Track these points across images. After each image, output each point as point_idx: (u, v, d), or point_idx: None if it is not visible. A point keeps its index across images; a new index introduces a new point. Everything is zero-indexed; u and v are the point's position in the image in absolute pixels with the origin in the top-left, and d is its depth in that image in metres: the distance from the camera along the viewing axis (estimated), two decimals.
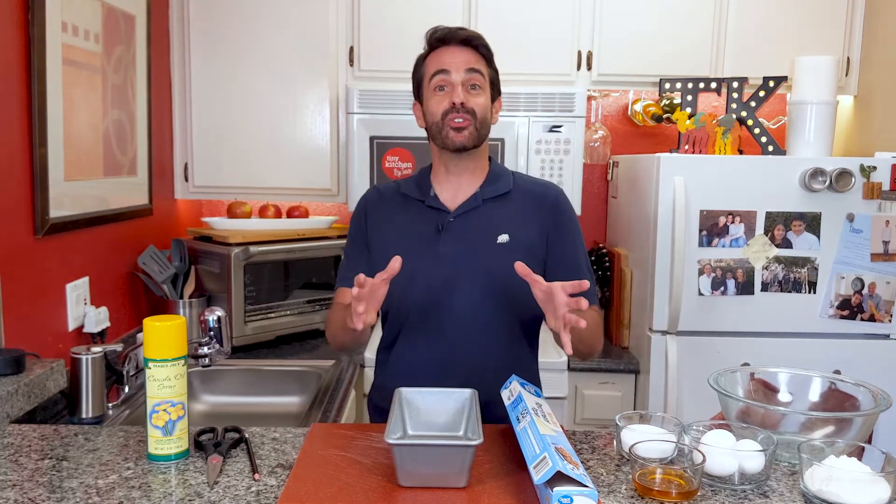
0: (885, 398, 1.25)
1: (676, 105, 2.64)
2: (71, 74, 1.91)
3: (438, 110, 1.49)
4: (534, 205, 1.55)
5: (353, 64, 2.65)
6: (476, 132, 1.49)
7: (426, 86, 1.53)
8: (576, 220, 1.60)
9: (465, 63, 1.49)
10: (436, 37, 1.53)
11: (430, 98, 1.52)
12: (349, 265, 1.59)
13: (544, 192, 1.58)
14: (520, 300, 1.46)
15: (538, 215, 1.54)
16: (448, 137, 1.49)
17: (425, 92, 1.53)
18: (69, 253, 1.94)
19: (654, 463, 1.12)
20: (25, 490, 1.11)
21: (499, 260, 1.48)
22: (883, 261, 2.25)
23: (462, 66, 1.49)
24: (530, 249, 1.51)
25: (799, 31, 2.63)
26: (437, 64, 1.51)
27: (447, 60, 1.50)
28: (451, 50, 1.51)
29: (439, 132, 1.50)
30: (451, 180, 1.55)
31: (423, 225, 1.54)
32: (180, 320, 1.23)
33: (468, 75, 1.49)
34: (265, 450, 1.27)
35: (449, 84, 1.49)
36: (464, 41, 1.51)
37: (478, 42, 1.52)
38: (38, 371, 1.55)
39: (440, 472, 1.10)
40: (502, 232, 1.51)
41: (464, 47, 1.51)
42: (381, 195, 1.62)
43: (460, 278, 1.49)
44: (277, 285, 2.53)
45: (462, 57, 1.49)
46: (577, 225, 1.59)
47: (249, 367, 2.21)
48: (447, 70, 1.49)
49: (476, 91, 1.50)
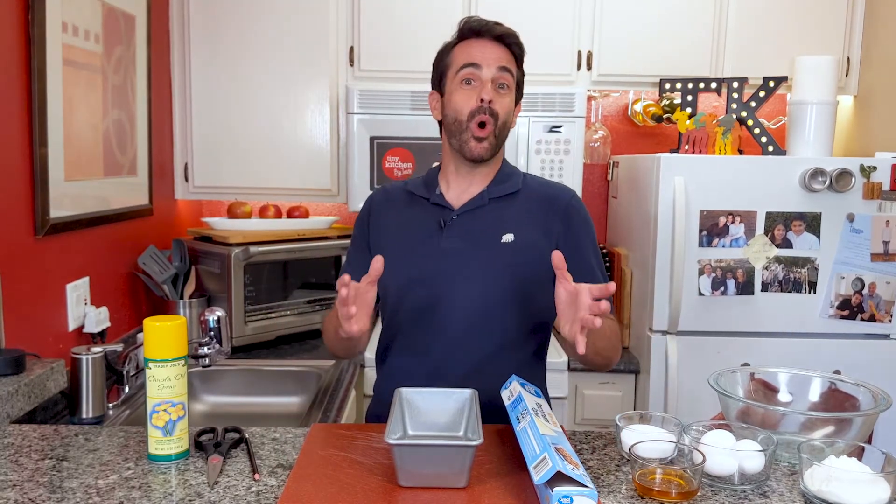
0: (885, 398, 1.25)
1: (676, 105, 2.64)
2: (71, 74, 1.91)
3: (465, 107, 1.42)
4: (543, 207, 1.49)
5: (353, 64, 2.65)
6: (495, 141, 1.44)
7: (451, 77, 1.45)
8: (590, 225, 1.52)
9: (498, 60, 1.42)
10: (470, 27, 1.45)
11: (454, 90, 1.44)
12: (349, 267, 1.57)
13: (555, 195, 1.51)
14: (523, 301, 1.44)
15: (547, 218, 1.48)
16: (467, 145, 1.43)
17: (449, 83, 1.46)
18: (69, 253, 1.94)
19: (654, 463, 1.12)
20: (26, 490, 1.11)
21: (502, 259, 1.44)
22: (883, 261, 2.25)
23: (494, 63, 1.42)
24: (536, 251, 1.44)
25: (799, 31, 2.63)
26: (468, 56, 1.43)
27: (478, 54, 1.43)
28: (483, 44, 1.44)
29: (460, 133, 1.44)
30: (460, 182, 1.50)
31: (426, 221, 1.49)
32: (180, 320, 1.23)
33: (499, 73, 1.42)
34: (265, 450, 1.27)
35: (478, 79, 1.42)
36: (498, 37, 1.44)
37: (512, 40, 1.45)
38: (39, 371, 1.55)
39: (440, 472, 1.10)
40: (507, 231, 1.46)
41: (497, 43, 1.44)
42: (387, 195, 1.58)
43: (461, 275, 1.44)
44: (277, 285, 2.54)
45: (495, 53, 1.43)
46: (590, 230, 1.52)
47: (249, 368, 2.21)
48: (478, 65, 1.42)
49: (503, 92, 1.44)
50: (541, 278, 1.42)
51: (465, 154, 1.44)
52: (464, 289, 1.45)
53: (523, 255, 1.44)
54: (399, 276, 1.46)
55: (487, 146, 1.43)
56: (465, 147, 1.43)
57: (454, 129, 1.44)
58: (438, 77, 1.50)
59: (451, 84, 1.45)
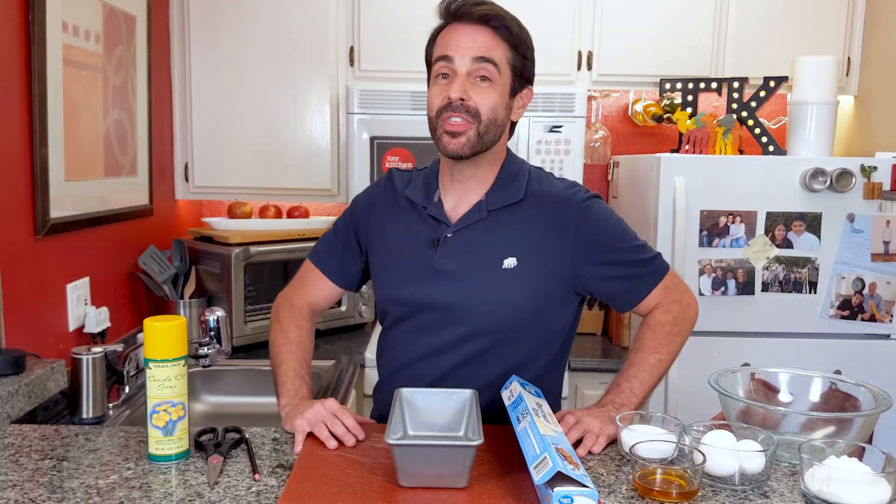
0: (886, 398, 1.25)
1: (677, 105, 2.64)
2: (71, 75, 1.91)
3: (434, 104, 1.27)
4: (551, 221, 1.31)
5: (353, 64, 2.65)
6: (477, 138, 1.26)
7: (433, 71, 1.30)
8: (610, 222, 1.34)
9: (474, 49, 1.23)
10: (447, 8, 1.26)
11: (431, 86, 1.30)
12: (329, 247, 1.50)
13: (566, 206, 1.32)
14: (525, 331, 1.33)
15: (558, 234, 1.30)
16: (440, 142, 1.28)
17: (431, 78, 1.31)
18: (70, 253, 1.94)
19: (655, 463, 1.12)
20: (26, 490, 1.11)
21: (501, 287, 1.29)
22: (883, 261, 2.25)
23: (469, 53, 1.23)
24: (545, 275, 1.30)
25: (799, 31, 2.63)
26: (443, 46, 1.26)
27: (453, 44, 1.24)
28: (461, 29, 1.25)
29: (434, 131, 1.29)
30: (456, 186, 1.36)
31: (420, 236, 1.36)
32: (180, 320, 1.23)
33: (475, 65, 1.23)
34: (265, 450, 1.27)
35: (452, 73, 1.25)
36: (480, 18, 1.24)
37: (498, 22, 1.24)
38: (39, 371, 1.55)
39: (441, 472, 1.10)
40: (509, 255, 1.29)
41: (480, 26, 1.24)
42: (394, 192, 1.44)
43: (455, 302, 1.31)
44: (278, 285, 2.51)
45: (473, 41, 1.23)
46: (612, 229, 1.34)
47: (250, 368, 2.21)
48: (450, 57, 1.24)
49: (485, 85, 1.25)
50: (548, 301, 1.33)
51: (441, 151, 1.30)
52: (457, 319, 1.32)
53: (527, 280, 1.30)
54: (390, 294, 1.41)
55: (464, 142, 1.26)
56: (439, 144, 1.29)
57: (431, 129, 1.31)
58: (428, 70, 1.35)
59: (431, 79, 1.31)
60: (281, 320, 1.49)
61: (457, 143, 1.26)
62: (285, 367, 1.40)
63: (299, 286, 1.55)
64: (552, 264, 1.32)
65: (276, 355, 1.43)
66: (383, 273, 1.44)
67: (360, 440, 1.25)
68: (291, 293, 1.54)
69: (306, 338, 1.48)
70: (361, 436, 1.25)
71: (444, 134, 1.27)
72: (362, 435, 1.25)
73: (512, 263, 1.30)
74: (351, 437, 1.24)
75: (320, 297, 1.54)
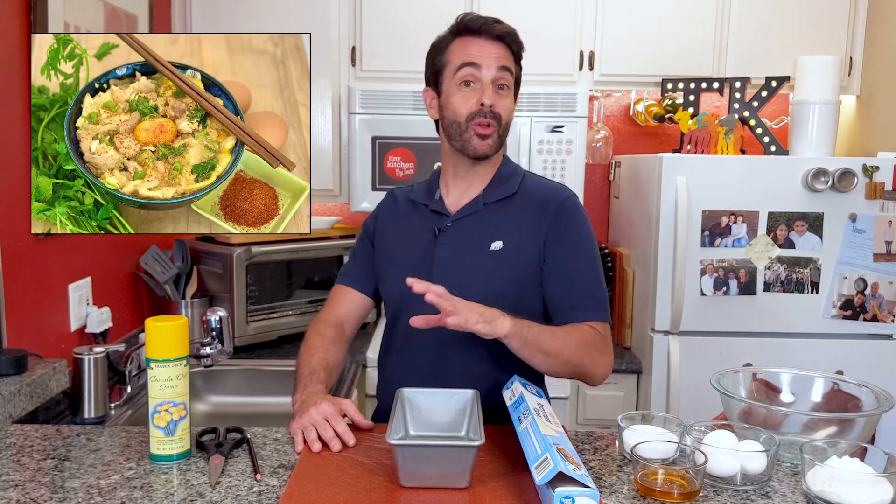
0: (888, 398, 1.25)
1: (679, 105, 2.63)
2: None
3: (463, 110, 1.40)
4: (536, 210, 1.45)
5: (355, 64, 2.65)
6: (499, 139, 1.43)
7: (448, 76, 1.42)
8: (583, 227, 1.46)
9: (497, 60, 1.39)
10: (468, 25, 1.41)
11: (453, 92, 1.41)
12: (351, 262, 1.61)
13: (549, 198, 1.46)
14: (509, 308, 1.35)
15: (538, 222, 1.44)
16: (470, 143, 1.41)
17: (447, 83, 1.43)
18: (71, 253, 1.94)
19: (656, 463, 1.12)
20: (27, 490, 1.11)
21: (487, 267, 1.42)
22: (885, 261, 2.25)
23: (494, 63, 1.39)
24: (523, 257, 1.42)
25: (801, 31, 2.63)
26: (466, 55, 1.40)
27: (478, 54, 1.39)
28: (482, 43, 1.40)
29: (460, 134, 1.42)
30: (459, 183, 1.49)
31: (423, 230, 1.49)
32: (182, 320, 1.24)
33: (499, 73, 1.39)
34: (267, 450, 1.27)
35: (478, 81, 1.40)
36: (499, 36, 1.40)
37: (511, 39, 1.42)
38: (41, 371, 1.56)
39: (442, 472, 1.10)
40: (497, 238, 1.43)
41: (497, 42, 1.40)
42: (395, 202, 1.59)
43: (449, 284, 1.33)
44: (279, 285, 2.54)
45: (495, 52, 1.39)
46: (582, 232, 1.46)
47: (251, 368, 2.21)
48: (478, 65, 1.39)
49: (503, 92, 1.42)
50: (525, 284, 1.43)
51: (467, 152, 1.42)
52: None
53: (509, 261, 1.42)
54: (397, 286, 1.44)
55: (491, 143, 1.42)
56: (467, 146, 1.41)
57: (453, 131, 1.43)
58: (434, 74, 1.46)
59: (448, 84, 1.42)
60: (307, 337, 1.54)
61: (486, 145, 1.41)
62: (300, 369, 1.45)
63: (327, 305, 1.61)
64: (531, 245, 1.43)
65: (297, 364, 1.48)
66: (389, 267, 1.52)
67: (348, 445, 1.25)
68: (320, 313, 1.60)
69: (328, 343, 1.50)
70: (351, 441, 1.25)
71: (475, 136, 1.41)
72: (352, 441, 1.26)
73: (498, 246, 1.43)
74: (337, 443, 1.24)
75: (349, 309, 1.59)
